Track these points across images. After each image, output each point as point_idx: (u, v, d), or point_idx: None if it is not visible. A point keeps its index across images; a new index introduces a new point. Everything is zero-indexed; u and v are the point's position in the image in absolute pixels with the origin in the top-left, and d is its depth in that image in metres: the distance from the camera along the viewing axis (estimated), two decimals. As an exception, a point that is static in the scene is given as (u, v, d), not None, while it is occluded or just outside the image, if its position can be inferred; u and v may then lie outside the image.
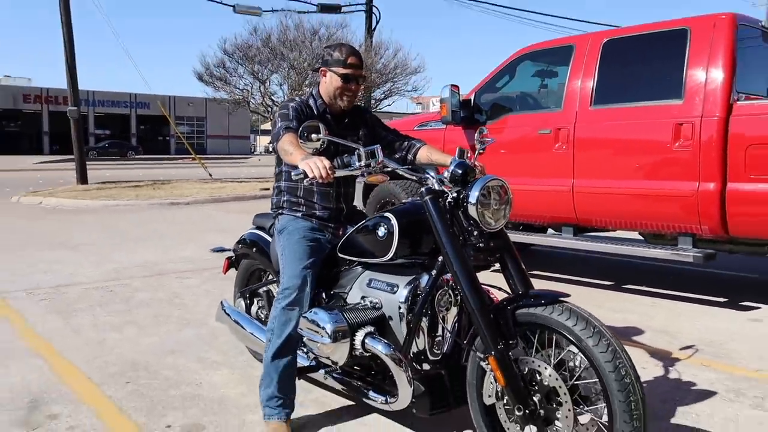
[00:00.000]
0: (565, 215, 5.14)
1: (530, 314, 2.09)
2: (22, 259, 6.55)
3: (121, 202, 12.29)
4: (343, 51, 2.73)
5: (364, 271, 2.63)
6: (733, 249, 4.72)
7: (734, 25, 4.46)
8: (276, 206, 2.91)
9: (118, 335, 3.99)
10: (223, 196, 13.65)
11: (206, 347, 3.75)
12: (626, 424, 1.87)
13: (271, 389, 2.59)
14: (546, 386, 2.07)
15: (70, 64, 15.76)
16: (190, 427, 2.70)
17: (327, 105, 2.80)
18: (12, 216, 10.50)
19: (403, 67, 20.11)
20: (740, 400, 3.00)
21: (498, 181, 2.28)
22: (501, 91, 5.71)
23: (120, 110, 50.29)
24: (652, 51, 4.81)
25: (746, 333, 4.09)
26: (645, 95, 4.69)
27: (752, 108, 4.25)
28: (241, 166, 31.19)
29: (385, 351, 2.34)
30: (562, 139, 5.02)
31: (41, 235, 8.24)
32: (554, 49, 5.50)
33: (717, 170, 4.27)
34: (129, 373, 3.32)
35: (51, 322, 4.28)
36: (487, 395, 2.21)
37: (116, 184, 16.68)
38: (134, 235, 8.34)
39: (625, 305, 4.78)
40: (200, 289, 5.26)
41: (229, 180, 18.73)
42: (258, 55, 18.77)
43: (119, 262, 6.42)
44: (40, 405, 2.91)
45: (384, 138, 2.90)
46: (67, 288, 5.26)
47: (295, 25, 18.47)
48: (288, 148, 2.48)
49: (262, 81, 19.54)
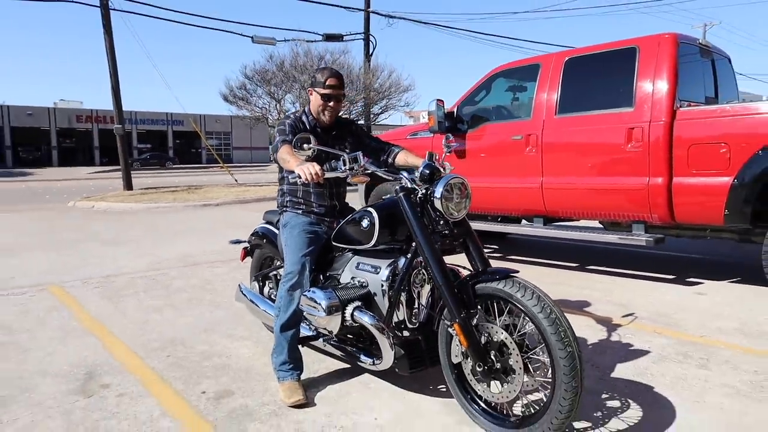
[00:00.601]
0: (536, 208, 5.11)
1: (486, 287, 2.15)
2: (78, 253, 6.52)
3: (161, 205, 12.23)
4: (324, 74, 2.77)
5: (353, 256, 2.68)
6: (680, 233, 4.70)
7: (676, 43, 4.43)
8: (281, 205, 2.96)
9: (159, 316, 3.96)
10: (247, 198, 13.58)
11: (234, 325, 3.72)
12: (563, 360, 1.93)
13: (282, 356, 2.64)
14: (496, 342, 2.13)
15: (115, 90, 15.67)
16: (222, 392, 2.68)
17: (316, 120, 2.81)
18: (69, 218, 10.45)
19: (396, 86, 20.07)
20: (688, 362, 2.98)
21: (459, 179, 2.32)
22: (479, 104, 5.66)
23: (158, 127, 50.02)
24: (606, 67, 4.77)
25: (692, 305, 4.07)
26: (601, 104, 4.65)
27: (693, 113, 4.21)
28: (262, 172, 31.07)
29: (370, 321, 2.42)
30: (531, 144, 4.99)
31: (93, 234, 8.19)
32: (523, 68, 5.45)
33: (664, 167, 4.24)
34: (169, 348, 3.30)
35: (102, 306, 4.25)
36: (454, 355, 2.29)
37: (156, 189, 16.61)
38: (172, 232, 8.30)
39: (588, 283, 4.75)
40: (228, 276, 5.22)
41: (252, 184, 18.64)
42: (273, 78, 18.74)
43: (159, 255, 6.39)
44: (94, 376, 2.89)
45: (368, 145, 2.93)
46: (115, 277, 5.23)
47: (304, 52, 18.43)
48: (285, 157, 2.54)
49: (277, 100, 19.48)
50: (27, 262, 5.99)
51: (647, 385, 2.68)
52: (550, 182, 4.89)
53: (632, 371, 2.85)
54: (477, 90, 5.64)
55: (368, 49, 19.01)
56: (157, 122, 49.76)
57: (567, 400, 1.92)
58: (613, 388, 2.64)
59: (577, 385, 1.91)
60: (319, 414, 2.44)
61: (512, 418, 2.18)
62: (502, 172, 5.20)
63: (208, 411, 2.48)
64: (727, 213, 4.02)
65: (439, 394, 2.60)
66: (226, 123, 49.75)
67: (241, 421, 2.38)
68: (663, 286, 4.63)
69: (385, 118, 22.04)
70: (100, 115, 46.17)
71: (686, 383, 2.70)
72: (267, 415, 2.44)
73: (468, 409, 2.28)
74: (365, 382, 2.76)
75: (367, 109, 19.29)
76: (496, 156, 5.28)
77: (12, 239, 7.69)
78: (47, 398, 2.63)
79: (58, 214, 11.07)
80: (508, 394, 2.11)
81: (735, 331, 3.48)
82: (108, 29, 15.18)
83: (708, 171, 4.08)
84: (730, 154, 3.98)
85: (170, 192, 15.45)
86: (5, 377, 2.89)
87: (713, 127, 4.09)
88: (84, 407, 2.53)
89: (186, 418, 2.42)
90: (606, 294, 4.38)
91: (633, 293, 4.40)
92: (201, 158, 51.12)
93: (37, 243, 7.32)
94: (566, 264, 5.54)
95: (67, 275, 5.35)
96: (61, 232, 8.49)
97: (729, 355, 3.06)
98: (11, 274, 5.43)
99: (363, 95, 18.63)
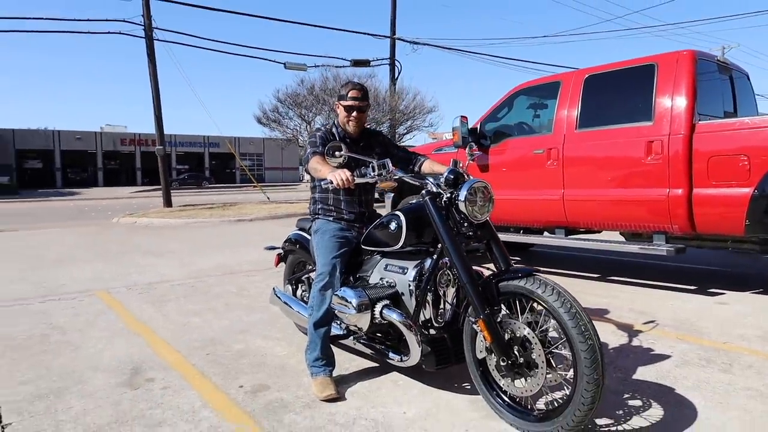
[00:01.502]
0: (558, 219, 5.09)
1: (509, 285, 2.18)
2: (122, 264, 6.72)
3: (199, 220, 12.51)
4: (347, 87, 2.87)
5: (381, 258, 2.73)
6: (700, 244, 4.61)
7: (694, 59, 4.41)
8: (313, 213, 3.03)
9: (199, 319, 4.07)
10: (278, 213, 13.79)
11: (269, 327, 3.79)
12: (584, 353, 1.93)
13: (316, 353, 2.69)
14: (519, 337, 2.14)
15: (158, 114, 16.19)
16: (258, 386, 2.74)
17: (345, 131, 2.89)
18: (113, 233, 10.78)
19: (420, 107, 20.20)
20: (710, 366, 2.93)
21: (482, 183, 2.36)
22: (501, 120, 5.70)
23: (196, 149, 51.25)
24: (626, 83, 4.77)
25: (714, 313, 3.99)
26: (621, 119, 4.64)
27: (711, 127, 4.17)
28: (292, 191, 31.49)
29: (398, 319, 2.46)
30: (553, 157, 4.99)
31: (136, 246, 8.43)
32: (544, 85, 5.48)
33: (684, 178, 4.19)
34: (208, 347, 3.38)
35: (146, 310, 4.38)
36: (479, 351, 2.30)
37: (194, 206, 16.98)
38: (209, 245, 8.49)
39: (610, 293, 4.69)
40: (263, 283, 5.32)
41: (283, 202, 18.91)
42: (304, 101, 19.09)
43: (198, 265, 6.54)
44: (140, 371, 2.99)
45: (395, 155, 2.99)
46: (157, 285, 5.38)
47: (333, 77, 18.73)
48: (317, 166, 2.63)
49: (308, 122, 19.79)
50: (76, 271, 6.21)
51: (670, 387, 2.64)
52: (572, 194, 4.88)
53: (655, 374, 2.81)
54: (499, 107, 5.68)
55: (394, 74, 19.27)
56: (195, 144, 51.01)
57: (589, 392, 1.92)
58: (635, 389, 2.61)
59: (598, 377, 1.91)
60: (350, 407, 2.48)
61: (535, 412, 2.18)
62: (525, 185, 5.21)
63: (245, 403, 2.54)
64: (748, 223, 3.94)
65: (465, 391, 2.61)
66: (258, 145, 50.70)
67: (277, 413, 2.43)
68: (684, 295, 4.55)
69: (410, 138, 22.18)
70: (142, 138, 47.62)
71: (709, 386, 2.65)
72: (301, 407, 2.49)
73: (492, 404, 2.29)
74: (394, 379, 2.79)
75: (393, 130, 19.46)
76: (518, 170, 5.30)
77: (62, 252, 7.97)
78: (97, 390, 2.73)
79: (103, 229, 11.43)
80: (531, 388, 2.12)
81: (757, 338, 3.40)
82: (152, 58, 15.76)
83: (728, 182, 4.02)
84: (750, 166, 3.92)
85: (207, 209, 15.79)
86: (60, 371, 3.01)
87: (733, 139, 4.04)
88: (131, 398, 2.62)
89: (225, 409, 2.48)
90: (628, 303, 4.32)
91: (655, 302, 4.33)
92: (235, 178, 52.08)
93: (85, 255, 7.57)
94: (587, 274, 5.48)
95: (112, 282, 5.52)
96: (106, 244, 8.77)
97: (752, 361, 2.99)
98: (62, 281, 5.64)
99: (389, 117, 18.82)
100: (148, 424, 2.35)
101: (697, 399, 2.49)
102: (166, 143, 16.91)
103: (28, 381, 2.87)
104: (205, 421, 2.37)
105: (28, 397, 2.67)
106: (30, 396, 2.68)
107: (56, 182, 44.79)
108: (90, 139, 46.79)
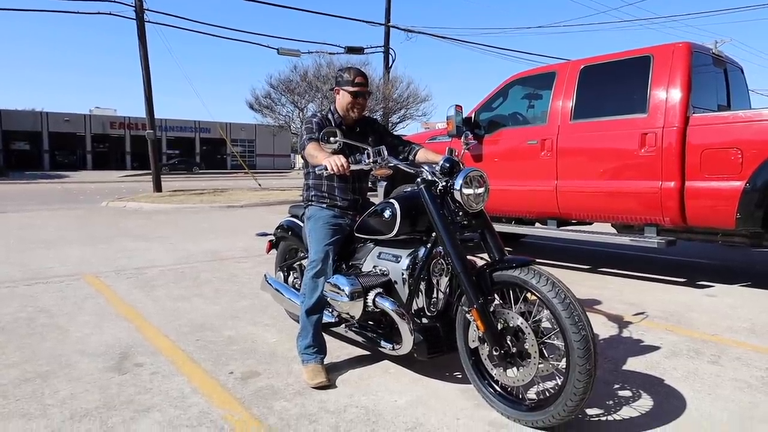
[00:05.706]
0: (550, 210, 5.09)
1: (503, 275, 2.16)
2: (111, 248, 6.65)
3: (189, 206, 12.41)
4: (351, 73, 2.81)
5: (375, 246, 2.70)
6: (691, 237, 4.63)
7: (690, 51, 4.40)
8: (306, 199, 2.98)
9: (188, 305, 4.03)
10: (270, 200, 13.72)
11: (259, 314, 3.77)
12: (577, 343, 1.92)
13: (307, 340, 2.67)
14: (512, 327, 2.13)
15: (148, 97, 15.97)
16: (248, 373, 2.72)
17: (342, 117, 2.85)
18: (102, 217, 10.66)
19: (414, 96, 20.15)
20: (699, 358, 2.94)
21: (477, 172, 2.33)
22: (496, 110, 5.67)
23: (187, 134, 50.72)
24: (621, 74, 4.75)
25: (703, 306, 4.01)
26: (615, 110, 4.62)
27: (706, 119, 4.18)
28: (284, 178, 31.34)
29: (391, 307, 2.44)
30: (547, 148, 4.98)
31: (125, 231, 8.35)
32: (539, 75, 5.46)
33: (676, 171, 4.20)
34: (198, 333, 3.35)
35: (135, 294, 4.33)
36: (471, 340, 2.29)
37: (184, 192, 16.84)
38: (199, 230, 8.42)
39: (601, 283, 4.71)
40: (253, 270, 5.28)
41: (274, 189, 18.82)
42: (297, 87, 18.95)
43: (187, 250, 6.49)
44: (128, 356, 2.95)
45: (390, 143, 2.94)
46: (146, 269, 5.33)
47: (327, 64, 18.59)
48: (313, 152, 2.60)
49: (300, 109, 19.67)
50: (64, 255, 6.13)
51: (659, 377, 2.66)
52: (565, 185, 4.87)
53: (644, 365, 2.82)
54: (494, 97, 5.65)
55: (388, 62, 19.13)
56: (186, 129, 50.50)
57: (581, 382, 1.91)
58: (625, 380, 2.62)
59: (591, 368, 1.91)
60: (341, 395, 2.46)
61: (527, 402, 2.18)
62: (518, 175, 5.20)
63: (236, 389, 2.52)
64: (739, 216, 3.96)
65: (456, 380, 2.60)
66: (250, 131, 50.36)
67: (268, 399, 2.41)
68: (674, 288, 4.58)
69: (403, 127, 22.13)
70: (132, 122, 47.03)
71: (698, 377, 2.67)
72: (292, 394, 2.47)
73: (484, 393, 2.28)
74: (385, 367, 2.78)
75: (386, 118, 19.37)
76: (512, 160, 5.28)
77: (50, 235, 7.87)
78: (85, 374, 2.70)
79: (92, 213, 11.30)
80: (523, 378, 2.11)
81: (746, 330, 3.43)
82: (143, 40, 15.51)
83: (720, 175, 4.03)
84: (742, 159, 3.93)
85: (197, 194, 15.67)
86: (46, 354, 2.97)
87: (726, 132, 4.05)
88: (119, 383, 2.59)
89: (215, 395, 2.46)
90: (618, 294, 4.34)
91: (644, 294, 4.36)
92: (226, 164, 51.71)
93: (73, 238, 7.48)
94: (579, 266, 5.50)
95: (101, 267, 5.46)
96: (95, 228, 8.67)
97: (740, 353, 3.02)
98: (50, 264, 5.56)
99: (382, 105, 18.72)
100: (137, 409, 2.32)
101: (686, 390, 2.51)
102: (156, 127, 16.71)
103: (14, 364, 2.83)
104: (194, 407, 2.34)
105: (14, 380, 2.62)
106: (16, 379, 2.63)
107: (44, 165, 44.16)
108: (79, 122, 46.14)
